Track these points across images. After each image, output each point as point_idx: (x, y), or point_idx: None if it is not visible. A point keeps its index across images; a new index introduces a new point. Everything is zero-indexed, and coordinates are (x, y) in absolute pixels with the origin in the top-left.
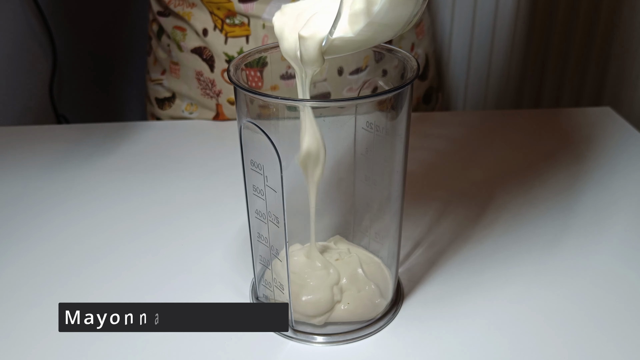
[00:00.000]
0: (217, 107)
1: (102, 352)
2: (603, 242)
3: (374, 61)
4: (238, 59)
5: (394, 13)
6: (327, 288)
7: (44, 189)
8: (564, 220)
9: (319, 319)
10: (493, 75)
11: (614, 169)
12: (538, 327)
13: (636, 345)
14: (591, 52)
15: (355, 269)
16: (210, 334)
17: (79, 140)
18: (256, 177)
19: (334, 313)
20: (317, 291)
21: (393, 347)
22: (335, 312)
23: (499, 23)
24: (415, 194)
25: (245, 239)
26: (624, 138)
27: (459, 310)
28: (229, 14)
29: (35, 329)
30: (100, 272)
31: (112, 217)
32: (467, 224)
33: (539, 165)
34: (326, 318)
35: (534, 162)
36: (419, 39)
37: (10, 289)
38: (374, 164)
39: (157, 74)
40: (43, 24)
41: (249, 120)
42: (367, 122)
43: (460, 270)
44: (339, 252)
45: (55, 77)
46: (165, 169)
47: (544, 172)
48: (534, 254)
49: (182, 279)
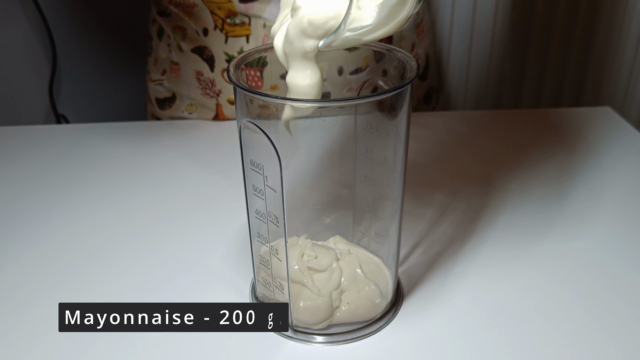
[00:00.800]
0: (217, 107)
1: (102, 352)
2: (604, 242)
3: (374, 61)
4: (238, 59)
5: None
6: (326, 294)
7: (44, 189)
8: (563, 219)
9: (318, 325)
10: (493, 75)
11: (613, 168)
12: (538, 326)
13: (630, 337)
14: (591, 52)
15: (355, 269)
16: (210, 334)
17: (78, 140)
18: (256, 177)
19: (334, 318)
20: (316, 298)
21: (393, 347)
22: (334, 315)
23: (498, 23)
24: (415, 194)
25: (245, 238)
26: (623, 138)
27: (458, 310)
28: (229, 14)
29: (35, 329)
30: (100, 272)
31: (112, 217)
32: (467, 224)
33: (538, 165)
34: (326, 324)
35: (533, 162)
36: (420, 40)
37: (10, 289)
38: (373, 163)
39: (157, 74)
40: (43, 23)
41: (249, 120)
42: (367, 122)
43: (460, 270)
44: (339, 252)
45: (55, 77)
46: (164, 169)
47: (543, 171)
48: (535, 254)
49: (182, 279)
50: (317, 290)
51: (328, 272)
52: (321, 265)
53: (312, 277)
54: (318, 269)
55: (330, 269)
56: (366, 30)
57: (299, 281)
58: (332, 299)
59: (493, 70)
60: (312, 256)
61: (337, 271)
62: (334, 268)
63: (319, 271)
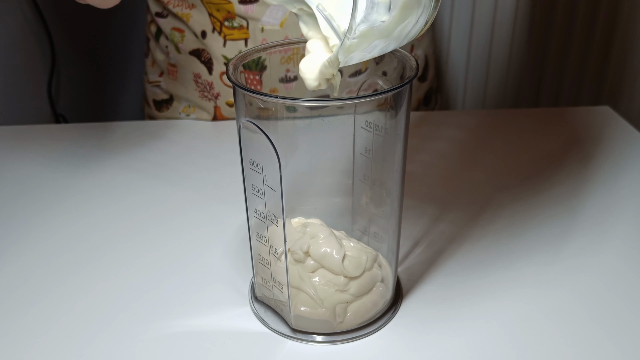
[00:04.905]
0: (215, 109)
1: (102, 352)
2: (602, 240)
3: (374, 63)
4: (237, 59)
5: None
6: (329, 306)
7: (43, 188)
8: (562, 219)
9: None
10: (492, 76)
11: (612, 167)
12: (538, 325)
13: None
14: (590, 51)
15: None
16: (210, 334)
17: (77, 140)
18: (255, 176)
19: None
20: (316, 306)
21: (393, 346)
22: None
23: (497, 24)
24: (415, 193)
25: (245, 238)
26: (623, 137)
27: (458, 309)
28: (227, 17)
29: (34, 329)
30: (98, 272)
31: (111, 216)
32: (466, 223)
33: (537, 165)
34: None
35: (532, 161)
36: (418, 41)
37: (9, 288)
38: (373, 163)
39: (154, 76)
40: (41, 23)
41: (248, 120)
42: (367, 121)
43: (459, 270)
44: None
45: (53, 76)
46: (164, 168)
47: (542, 171)
48: (534, 253)
49: (181, 279)
50: (320, 300)
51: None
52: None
53: (314, 285)
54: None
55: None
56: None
57: (297, 286)
58: (335, 314)
59: (492, 71)
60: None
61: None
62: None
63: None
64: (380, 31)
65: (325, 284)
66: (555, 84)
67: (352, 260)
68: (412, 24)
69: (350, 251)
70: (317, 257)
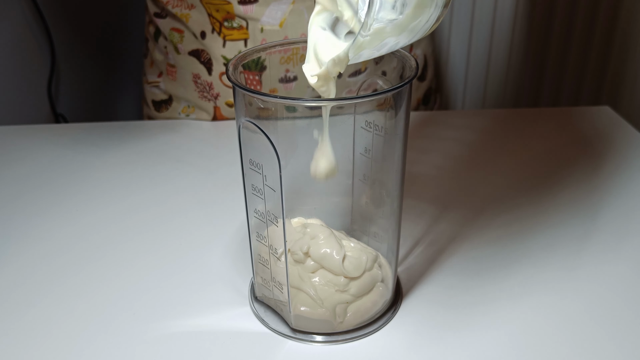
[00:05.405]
0: (215, 109)
1: (102, 352)
2: (601, 240)
3: (374, 63)
4: (236, 59)
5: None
6: (329, 307)
7: (43, 188)
8: (562, 218)
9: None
10: (492, 76)
11: (612, 167)
12: (537, 324)
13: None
14: (590, 51)
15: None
16: (210, 334)
17: (77, 139)
18: (255, 176)
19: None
20: (318, 308)
21: (393, 346)
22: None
23: (497, 24)
24: (414, 193)
25: (244, 238)
26: (622, 137)
27: (458, 309)
28: (227, 17)
29: (34, 329)
30: (98, 272)
31: (111, 216)
32: (466, 223)
33: (537, 164)
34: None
35: (532, 161)
36: (418, 40)
37: (9, 288)
38: (373, 163)
39: (153, 77)
40: (41, 23)
41: (248, 120)
42: (366, 121)
43: (459, 269)
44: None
45: (53, 76)
46: (163, 168)
47: (542, 171)
48: (534, 253)
49: (181, 279)
50: (320, 301)
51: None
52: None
53: (314, 286)
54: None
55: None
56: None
57: (297, 286)
58: (335, 314)
59: (492, 71)
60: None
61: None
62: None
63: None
64: (392, 28)
65: (325, 284)
66: (555, 84)
67: (352, 260)
68: (424, 21)
69: (350, 251)
70: (317, 258)
